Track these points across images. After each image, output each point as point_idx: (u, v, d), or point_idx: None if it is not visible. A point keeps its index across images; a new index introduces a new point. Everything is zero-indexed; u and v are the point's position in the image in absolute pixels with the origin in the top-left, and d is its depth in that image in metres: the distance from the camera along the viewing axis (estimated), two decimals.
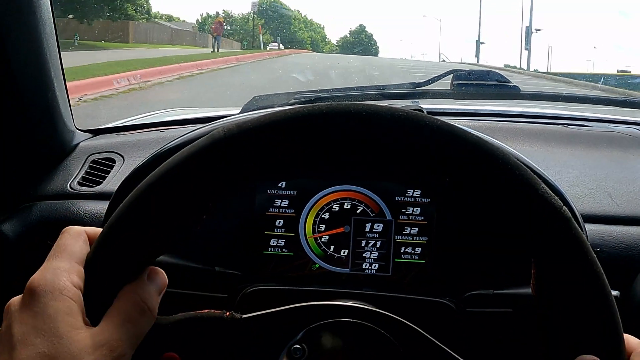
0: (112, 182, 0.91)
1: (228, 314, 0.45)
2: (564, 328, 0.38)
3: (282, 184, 0.69)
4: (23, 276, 0.39)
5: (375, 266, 0.69)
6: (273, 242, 0.70)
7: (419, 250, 0.69)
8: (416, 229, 0.69)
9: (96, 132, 1.10)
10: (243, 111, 1.06)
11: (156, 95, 6.41)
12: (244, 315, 0.45)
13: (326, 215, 0.70)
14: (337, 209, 0.70)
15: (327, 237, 0.70)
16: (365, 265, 0.69)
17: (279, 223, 0.70)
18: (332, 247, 0.70)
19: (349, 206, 0.70)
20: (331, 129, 0.38)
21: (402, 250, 0.69)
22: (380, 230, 0.69)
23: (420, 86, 1.16)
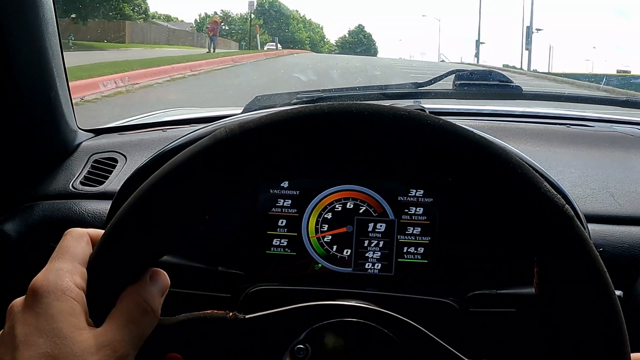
0: (115, 182, 0.90)
1: (231, 314, 0.45)
2: (566, 326, 0.38)
3: (285, 184, 0.69)
4: (25, 276, 0.39)
5: (377, 266, 0.69)
6: (276, 242, 0.70)
7: (421, 250, 0.69)
8: (419, 229, 0.69)
9: (98, 132, 1.10)
10: (245, 111, 1.06)
11: (140, 99, 6.10)
12: (247, 315, 0.45)
13: (329, 215, 0.69)
14: (340, 208, 0.69)
15: (330, 237, 0.69)
16: (368, 265, 0.69)
17: (282, 223, 0.70)
18: (335, 247, 0.69)
19: (352, 206, 0.70)
20: (333, 129, 0.37)
21: (405, 250, 0.69)
22: (383, 230, 0.69)
23: (423, 86, 1.16)
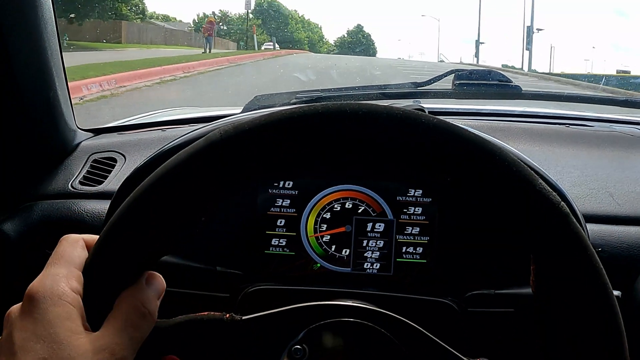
0: (114, 182, 0.90)
1: (228, 315, 0.45)
2: (563, 324, 0.38)
3: (284, 184, 0.69)
4: (24, 276, 0.39)
5: (376, 266, 0.69)
6: (274, 242, 0.70)
7: (420, 250, 0.69)
8: (418, 229, 0.69)
9: (97, 132, 1.10)
10: (244, 110, 1.06)
11: (125, 101, 5.75)
12: (244, 316, 0.45)
13: (327, 215, 0.69)
14: (339, 208, 0.69)
15: (329, 237, 0.69)
16: (367, 265, 0.69)
17: (281, 223, 0.70)
18: (334, 247, 0.69)
19: (351, 206, 0.69)
20: (327, 129, 0.37)
21: (404, 250, 0.69)
22: (381, 230, 0.69)
23: (422, 86, 1.15)
